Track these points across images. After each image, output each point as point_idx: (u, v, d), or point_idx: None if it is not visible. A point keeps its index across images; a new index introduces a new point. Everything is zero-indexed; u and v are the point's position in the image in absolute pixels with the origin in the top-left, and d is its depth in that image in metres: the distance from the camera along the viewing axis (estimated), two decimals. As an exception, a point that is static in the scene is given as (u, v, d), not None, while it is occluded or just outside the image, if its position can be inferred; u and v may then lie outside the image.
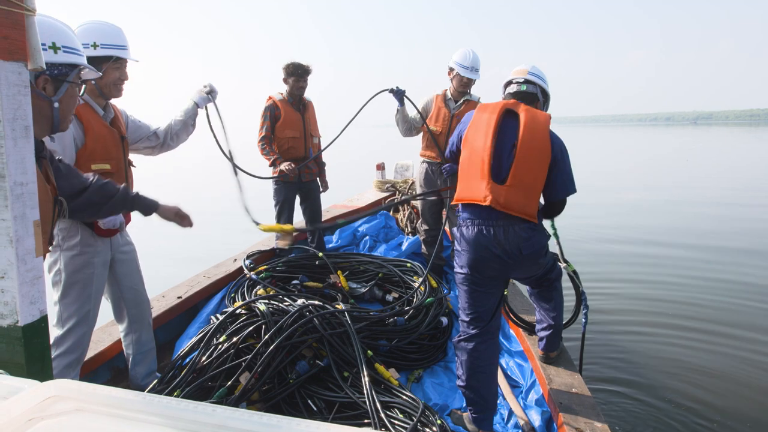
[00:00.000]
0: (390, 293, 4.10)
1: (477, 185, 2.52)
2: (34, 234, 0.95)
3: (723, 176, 19.02)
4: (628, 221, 10.19)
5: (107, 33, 2.50)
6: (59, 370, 2.52)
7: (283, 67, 4.58)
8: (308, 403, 2.59)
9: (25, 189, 0.95)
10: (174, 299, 3.59)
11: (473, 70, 4.25)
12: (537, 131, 2.52)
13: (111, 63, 2.53)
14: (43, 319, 1.02)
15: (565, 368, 2.87)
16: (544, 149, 2.51)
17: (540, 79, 2.81)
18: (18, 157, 0.93)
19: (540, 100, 2.81)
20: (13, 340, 0.97)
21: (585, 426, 2.34)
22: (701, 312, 5.40)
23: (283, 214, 4.75)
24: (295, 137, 4.56)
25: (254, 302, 2.95)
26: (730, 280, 6.43)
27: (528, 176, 2.49)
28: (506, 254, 2.49)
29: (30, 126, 0.96)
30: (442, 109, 4.44)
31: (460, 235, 2.59)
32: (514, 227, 2.48)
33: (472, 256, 2.53)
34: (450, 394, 3.02)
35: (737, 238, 8.74)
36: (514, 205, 2.46)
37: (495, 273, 2.56)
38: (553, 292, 2.89)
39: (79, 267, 2.54)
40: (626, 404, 3.75)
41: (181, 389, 2.50)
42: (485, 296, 2.58)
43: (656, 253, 7.77)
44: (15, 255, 0.94)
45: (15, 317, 0.96)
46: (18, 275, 0.95)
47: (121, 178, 2.68)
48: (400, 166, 7.60)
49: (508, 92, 2.83)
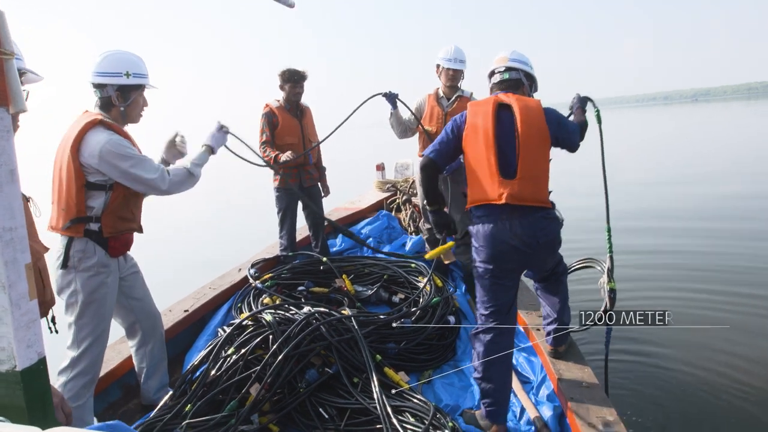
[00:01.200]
0: (396, 294, 4.09)
1: (488, 186, 2.56)
2: (26, 278, 0.95)
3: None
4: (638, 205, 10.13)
5: (135, 63, 2.65)
6: (75, 391, 2.54)
7: (279, 74, 4.59)
8: (319, 411, 2.60)
9: (14, 234, 0.95)
10: (181, 313, 3.61)
11: (457, 61, 4.31)
12: (533, 119, 2.58)
13: (138, 91, 2.69)
14: (42, 362, 1.03)
15: (575, 362, 2.86)
16: (543, 135, 2.59)
17: (522, 63, 2.83)
18: (5, 203, 0.93)
19: (525, 84, 2.83)
20: (12, 384, 0.97)
21: (597, 420, 2.33)
22: (720, 303, 5.23)
23: (285, 221, 4.76)
24: (293, 143, 4.56)
25: (260, 313, 2.96)
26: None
27: (535, 165, 2.56)
28: (524, 245, 2.53)
29: (15, 170, 0.96)
30: (435, 108, 4.44)
31: (476, 231, 2.62)
32: (529, 217, 2.53)
33: (490, 251, 2.57)
34: (461, 394, 3.01)
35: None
36: (528, 195, 2.52)
37: (514, 265, 2.62)
38: (559, 286, 2.91)
39: (95, 287, 2.59)
40: (638, 394, 3.74)
41: (193, 404, 2.51)
42: (504, 289, 2.63)
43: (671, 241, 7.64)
44: (9, 300, 0.94)
45: (12, 362, 0.96)
46: (13, 320, 0.94)
47: (141, 199, 2.80)
48: (400, 165, 7.60)
49: (493, 82, 2.87)
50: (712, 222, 8.62)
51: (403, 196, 6.53)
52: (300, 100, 4.63)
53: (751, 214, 9.01)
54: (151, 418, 2.49)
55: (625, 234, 7.63)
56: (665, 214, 9.51)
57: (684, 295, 5.47)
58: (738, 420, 3.47)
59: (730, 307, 5.14)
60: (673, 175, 14.33)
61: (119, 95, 2.63)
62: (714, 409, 3.60)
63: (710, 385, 3.86)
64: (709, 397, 3.72)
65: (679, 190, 11.93)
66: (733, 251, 6.89)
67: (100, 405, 2.88)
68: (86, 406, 2.59)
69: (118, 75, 2.58)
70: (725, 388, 3.80)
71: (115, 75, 2.58)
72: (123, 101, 2.64)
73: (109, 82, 2.59)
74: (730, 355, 4.24)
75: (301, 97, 4.61)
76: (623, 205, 9.81)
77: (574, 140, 2.77)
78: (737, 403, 3.64)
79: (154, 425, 2.40)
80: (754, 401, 3.64)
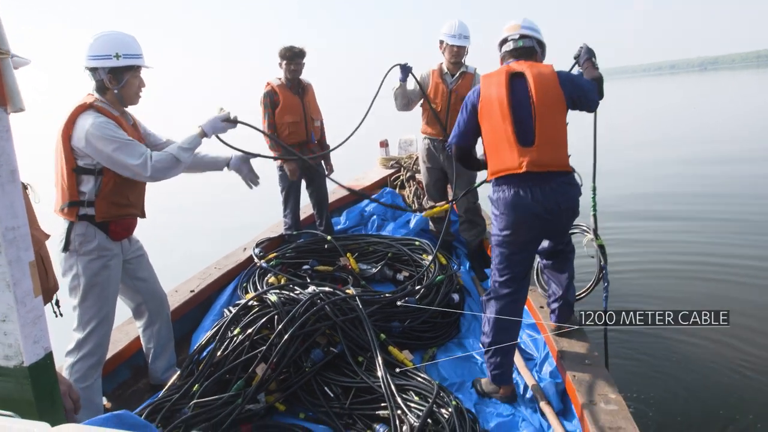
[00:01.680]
0: (400, 272, 4.11)
1: (508, 156, 2.57)
2: (30, 275, 0.97)
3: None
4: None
5: (126, 44, 2.59)
6: (83, 372, 2.58)
7: (278, 52, 4.55)
8: (325, 390, 2.64)
9: (17, 233, 0.96)
10: (187, 293, 3.64)
11: (461, 37, 4.22)
12: (547, 85, 2.58)
13: (132, 72, 2.63)
14: (48, 356, 1.05)
15: (578, 339, 2.88)
16: (558, 99, 2.58)
17: (534, 31, 2.83)
18: (7, 202, 0.94)
19: (538, 52, 2.84)
20: (21, 379, 1.00)
21: (599, 398, 2.36)
22: (731, 290, 5.10)
23: (289, 200, 4.76)
24: (295, 122, 4.54)
25: (265, 293, 2.98)
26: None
27: (552, 130, 2.57)
28: (546, 211, 2.56)
29: (15, 170, 0.97)
30: (440, 84, 4.37)
31: (497, 199, 2.65)
32: (551, 183, 2.56)
33: (511, 218, 2.60)
34: (465, 371, 3.05)
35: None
36: (548, 161, 2.54)
37: (534, 233, 2.66)
38: (566, 263, 2.94)
39: (97, 270, 2.61)
40: (640, 373, 3.77)
41: (200, 384, 2.56)
42: (520, 258, 2.68)
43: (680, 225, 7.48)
44: (14, 298, 0.96)
45: (20, 358, 0.99)
46: (19, 317, 0.97)
47: (142, 185, 2.77)
48: (404, 142, 7.55)
49: (505, 50, 2.84)
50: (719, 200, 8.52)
51: (407, 173, 6.51)
52: (299, 77, 4.59)
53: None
54: (159, 398, 2.54)
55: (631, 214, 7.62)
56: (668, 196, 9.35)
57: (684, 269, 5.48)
58: (740, 392, 3.51)
59: (733, 284, 5.13)
60: (687, 154, 13.96)
61: (111, 78, 2.58)
62: (714, 382, 3.63)
63: (711, 358, 3.89)
64: (709, 371, 3.75)
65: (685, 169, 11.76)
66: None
67: (109, 385, 2.93)
68: (94, 387, 2.63)
69: (108, 57, 2.54)
70: (726, 362, 3.83)
71: (105, 57, 2.54)
72: (116, 83, 2.60)
73: (100, 65, 2.56)
74: (733, 328, 4.23)
75: (299, 74, 4.57)
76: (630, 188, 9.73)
77: (592, 98, 2.71)
78: (739, 376, 3.67)
79: (163, 405, 2.45)
80: (756, 372, 3.67)
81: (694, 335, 4.16)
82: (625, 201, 8.63)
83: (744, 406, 3.40)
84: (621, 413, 2.26)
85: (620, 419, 2.22)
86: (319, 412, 2.58)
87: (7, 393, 1.02)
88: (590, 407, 2.31)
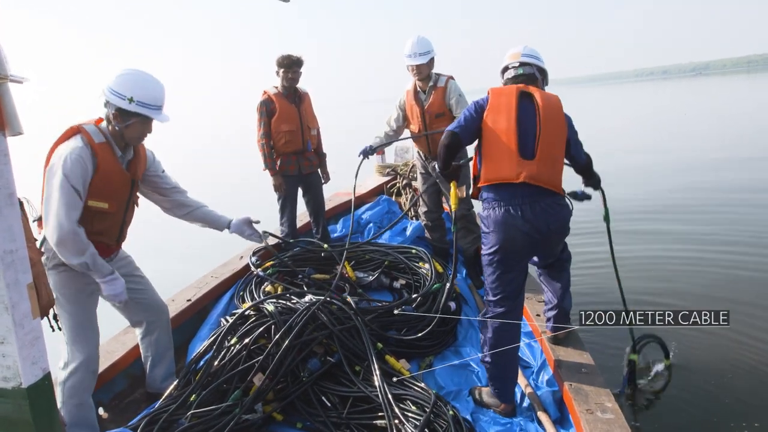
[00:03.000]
0: (397, 280, 4.12)
1: (506, 165, 2.59)
2: (29, 297, 0.97)
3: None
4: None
5: (146, 90, 2.53)
6: (74, 389, 2.55)
7: (276, 61, 4.57)
8: (322, 399, 2.64)
9: (15, 256, 0.97)
10: (184, 302, 3.63)
11: (417, 55, 4.22)
12: (554, 109, 2.68)
13: (140, 119, 2.56)
14: (47, 377, 1.06)
15: (574, 348, 2.90)
16: (562, 125, 2.69)
17: (534, 59, 2.89)
18: (5, 226, 0.95)
19: (539, 78, 2.90)
20: (19, 400, 1.00)
21: (595, 407, 2.37)
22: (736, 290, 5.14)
23: (286, 208, 4.77)
24: (291, 130, 4.55)
25: (262, 303, 2.98)
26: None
27: (553, 149, 2.63)
28: (535, 231, 2.56)
29: (13, 193, 0.97)
30: (414, 106, 4.42)
31: (486, 216, 2.65)
32: (541, 203, 2.57)
33: (501, 236, 2.59)
34: (462, 379, 3.05)
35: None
36: (545, 177, 2.57)
37: (523, 251, 2.65)
38: (562, 273, 2.96)
39: (64, 282, 2.57)
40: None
41: (197, 393, 2.55)
42: (512, 276, 2.67)
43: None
44: (12, 321, 0.96)
45: (18, 379, 0.99)
46: (17, 339, 0.97)
47: (118, 218, 2.71)
48: (400, 149, 7.57)
49: (506, 78, 2.91)
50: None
51: (403, 180, 6.52)
52: (296, 85, 4.61)
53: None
54: (156, 409, 2.54)
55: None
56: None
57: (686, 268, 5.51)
58: (734, 404, 3.51)
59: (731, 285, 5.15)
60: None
61: (117, 115, 2.53)
62: (709, 393, 3.62)
63: (707, 367, 3.89)
64: (704, 382, 3.74)
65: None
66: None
67: (106, 395, 2.92)
68: (86, 405, 2.61)
69: (122, 97, 2.49)
70: (722, 371, 3.83)
71: (118, 96, 2.50)
72: (120, 122, 2.54)
73: (111, 101, 2.51)
74: (730, 331, 4.24)
75: (296, 82, 4.59)
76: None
77: (581, 153, 2.89)
78: (734, 384, 3.67)
79: (160, 416, 2.44)
80: (751, 386, 3.67)
81: (691, 337, 4.18)
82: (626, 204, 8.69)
83: (742, 408, 3.41)
84: (617, 422, 2.27)
85: (617, 428, 2.23)
86: (317, 422, 2.57)
87: (5, 414, 1.03)
88: (587, 416, 2.32)
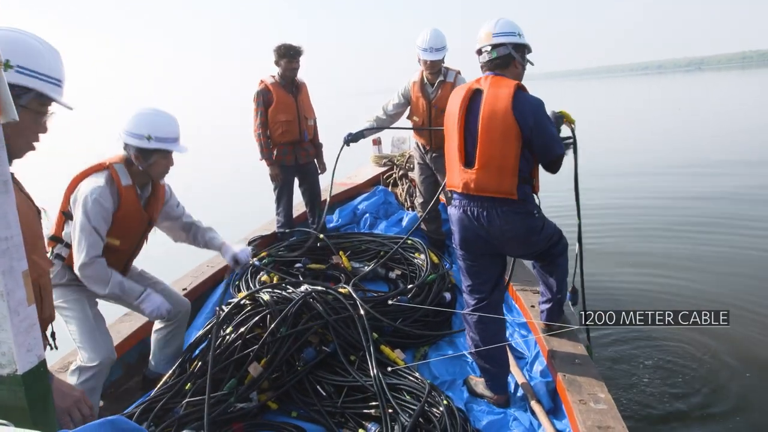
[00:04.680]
0: (393, 271, 4.13)
1: (455, 173, 2.62)
2: (24, 284, 0.98)
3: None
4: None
5: (162, 126, 2.61)
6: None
7: (274, 50, 4.53)
8: (317, 388, 2.65)
9: (10, 243, 0.97)
10: (180, 291, 3.62)
11: (433, 51, 4.13)
12: (497, 108, 2.46)
13: (161, 154, 2.64)
14: (42, 364, 1.06)
15: (568, 339, 2.91)
16: (507, 126, 2.44)
17: (508, 35, 2.61)
18: (0, 213, 0.95)
19: (516, 58, 2.64)
20: (14, 387, 1.01)
21: (589, 397, 2.39)
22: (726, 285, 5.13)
23: (282, 198, 4.77)
24: (288, 120, 4.54)
25: (257, 292, 2.99)
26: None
27: (495, 156, 2.48)
28: (490, 236, 2.58)
29: (8, 180, 0.97)
30: (420, 99, 4.36)
31: (450, 214, 2.72)
32: (495, 210, 2.53)
33: (460, 235, 2.66)
34: (456, 369, 3.07)
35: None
36: (487, 186, 2.51)
37: (484, 251, 2.67)
38: (555, 267, 2.91)
39: (65, 294, 2.68)
40: (631, 373, 3.80)
41: (192, 382, 2.56)
42: (480, 270, 2.70)
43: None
44: (7, 308, 0.97)
45: (13, 366, 1.00)
46: (12, 326, 0.98)
47: (127, 254, 2.82)
48: (397, 139, 7.55)
49: (481, 62, 2.72)
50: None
51: (400, 171, 6.51)
52: (296, 76, 4.59)
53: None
54: (151, 397, 2.54)
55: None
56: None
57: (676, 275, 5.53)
58: (732, 390, 3.55)
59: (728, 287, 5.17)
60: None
61: (138, 156, 2.61)
62: (699, 382, 3.66)
63: (698, 359, 3.92)
64: (695, 372, 3.78)
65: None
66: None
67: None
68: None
69: (140, 137, 2.56)
70: (713, 363, 3.87)
71: (137, 137, 2.57)
72: (143, 162, 2.63)
73: (130, 142, 2.58)
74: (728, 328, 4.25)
75: (296, 73, 4.57)
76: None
77: (552, 149, 2.52)
78: (725, 375, 3.71)
79: (155, 404, 2.45)
80: (743, 375, 3.71)
81: (684, 333, 4.20)
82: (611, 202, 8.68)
83: (737, 403, 3.45)
84: (610, 412, 2.29)
85: (609, 418, 2.25)
86: (312, 411, 2.59)
87: (0, 401, 1.03)
88: (580, 406, 2.34)
